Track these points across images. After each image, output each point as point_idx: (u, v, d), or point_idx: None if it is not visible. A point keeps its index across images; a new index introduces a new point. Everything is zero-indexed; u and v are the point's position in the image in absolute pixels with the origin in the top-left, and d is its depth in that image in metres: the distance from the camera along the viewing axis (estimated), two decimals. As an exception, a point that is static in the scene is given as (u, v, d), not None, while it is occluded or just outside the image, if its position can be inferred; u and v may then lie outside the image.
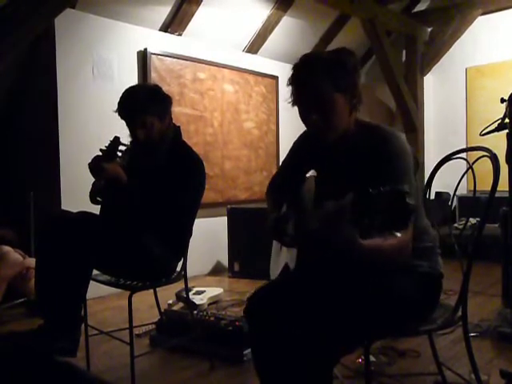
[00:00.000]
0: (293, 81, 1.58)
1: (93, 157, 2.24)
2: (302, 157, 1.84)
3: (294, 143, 1.93)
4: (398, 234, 1.18)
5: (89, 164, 2.20)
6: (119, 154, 2.32)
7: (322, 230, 1.31)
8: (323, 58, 1.56)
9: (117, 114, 2.30)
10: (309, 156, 1.78)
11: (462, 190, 4.78)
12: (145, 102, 2.27)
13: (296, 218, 1.59)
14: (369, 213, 1.13)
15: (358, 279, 1.48)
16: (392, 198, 1.12)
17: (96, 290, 2.49)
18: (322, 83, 1.52)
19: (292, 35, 5.50)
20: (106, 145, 2.31)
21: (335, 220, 1.25)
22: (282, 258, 1.75)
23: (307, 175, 1.84)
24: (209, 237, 4.74)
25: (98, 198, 2.31)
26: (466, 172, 1.99)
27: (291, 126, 5.77)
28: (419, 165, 1.62)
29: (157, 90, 2.37)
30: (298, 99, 1.59)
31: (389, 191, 1.13)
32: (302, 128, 1.75)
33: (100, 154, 2.26)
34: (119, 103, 2.30)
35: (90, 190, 2.32)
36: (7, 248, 3.37)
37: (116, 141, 2.30)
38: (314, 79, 1.53)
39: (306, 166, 1.81)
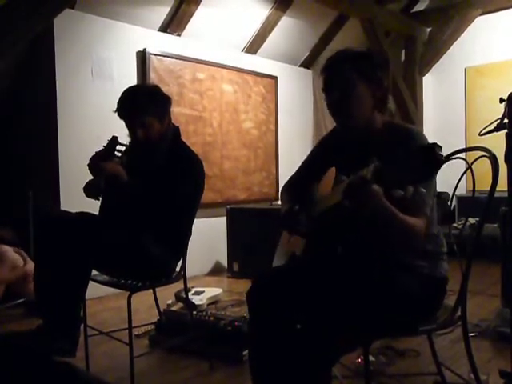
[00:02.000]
0: (322, 69, 1.68)
1: (91, 156, 2.24)
2: (322, 158, 1.85)
3: (315, 146, 1.98)
4: (423, 191, 1.18)
5: (88, 163, 2.20)
6: (117, 153, 2.31)
7: (347, 199, 1.30)
8: (353, 50, 1.67)
9: (116, 114, 2.30)
10: (331, 155, 1.80)
11: (461, 190, 4.75)
12: (144, 103, 2.26)
13: (308, 207, 1.62)
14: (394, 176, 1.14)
15: (359, 277, 1.49)
16: (420, 150, 1.13)
17: (95, 290, 2.49)
18: (345, 67, 1.61)
19: (291, 35, 5.51)
20: (104, 145, 2.31)
21: (363, 179, 1.25)
22: (288, 249, 1.75)
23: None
24: (208, 237, 4.74)
25: (99, 198, 2.32)
26: (465, 172, 1.98)
27: (290, 127, 5.78)
28: (441, 164, 1.63)
29: (156, 90, 2.37)
30: (324, 86, 1.68)
31: (412, 192, 1.13)
32: (301, 128, 1.76)
33: (97, 154, 2.26)
34: (119, 103, 2.30)
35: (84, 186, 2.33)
36: (6, 247, 3.36)
37: (114, 140, 2.30)
38: (339, 64, 1.64)
39: (326, 166, 1.79)
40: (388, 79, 1.68)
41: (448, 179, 2.68)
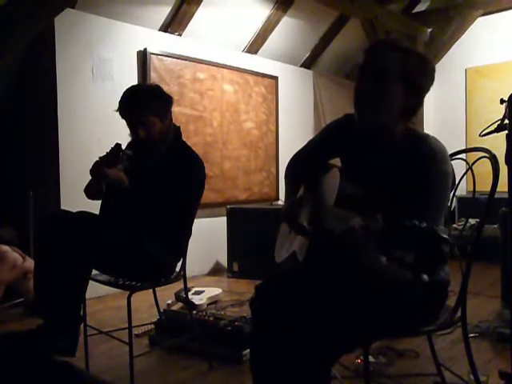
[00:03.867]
0: (368, 48, 1.58)
1: (93, 162, 2.23)
2: (333, 140, 1.75)
3: (330, 124, 1.82)
4: (426, 278, 1.14)
5: (90, 169, 2.20)
6: (120, 160, 2.30)
7: (346, 249, 1.27)
8: (408, 46, 1.57)
9: (118, 113, 2.30)
10: (341, 140, 1.70)
11: (462, 191, 4.76)
12: (146, 102, 2.27)
13: (312, 210, 1.57)
14: (398, 245, 1.09)
15: (359, 279, 1.48)
16: (428, 240, 1.08)
17: (95, 289, 2.49)
18: (394, 57, 1.51)
19: (292, 36, 5.51)
20: (107, 151, 2.30)
21: (360, 241, 1.21)
22: (290, 243, 1.74)
23: (331, 162, 1.76)
24: (208, 237, 4.74)
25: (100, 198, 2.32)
26: (465, 173, 1.98)
27: (291, 127, 5.78)
28: (455, 184, 1.59)
29: (158, 89, 2.37)
30: (362, 67, 1.57)
31: (425, 229, 1.08)
32: (301, 128, 1.74)
33: (100, 160, 2.25)
34: (120, 103, 2.30)
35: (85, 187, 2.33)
36: (6, 247, 3.36)
37: (117, 147, 2.30)
38: (389, 51, 1.53)
39: (334, 151, 1.73)
40: (428, 88, 1.57)
41: (448, 180, 2.68)
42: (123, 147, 2.32)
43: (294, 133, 5.75)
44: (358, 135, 1.65)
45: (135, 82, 4.23)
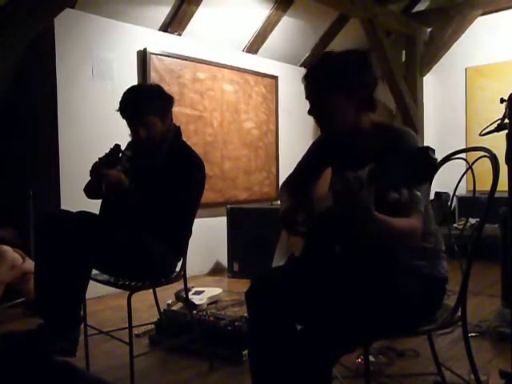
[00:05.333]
0: (303, 78, 1.69)
1: (93, 163, 2.23)
2: (317, 158, 1.84)
3: (311, 145, 1.96)
4: (418, 193, 1.16)
5: (90, 171, 2.20)
6: (120, 161, 2.30)
7: (339, 198, 1.30)
8: (331, 55, 1.65)
9: (118, 113, 2.29)
10: (326, 155, 1.79)
11: (462, 191, 4.77)
12: (147, 102, 2.27)
13: (307, 208, 1.61)
14: (387, 178, 1.14)
15: (359, 277, 1.48)
16: (414, 154, 1.12)
17: (95, 289, 2.49)
18: (321, 77, 1.61)
19: (292, 35, 5.51)
20: (107, 152, 2.30)
21: (351, 189, 1.24)
22: (288, 249, 1.75)
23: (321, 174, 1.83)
24: (208, 237, 4.74)
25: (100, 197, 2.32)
26: (465, 172, 1.98)
27: (291, 127, 5.78)
28: (436, 168, 1.57)
29: (159, 89, 2.37)
30: (306, 95, 1.70)
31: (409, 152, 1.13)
32: (301, 128, 1.77)
33: (100, 161, 2.25)
34: (121, 102, 2.30)
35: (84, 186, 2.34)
36: (6, 248, 3.36)
37: (117, 148, 2.30)
38: (315, 74, 1.64)
39: (322, 165, 1.79)
40: (371, 77, 1.62)
41: (448, 179, 2.68)
42: (122, 148, 2.32)
43: (294, 132, 5.75)
44: (338, 144, 1.74)
45: (135, 82, 4.23)
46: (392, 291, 1.50)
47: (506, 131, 1.86)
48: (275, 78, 5.56)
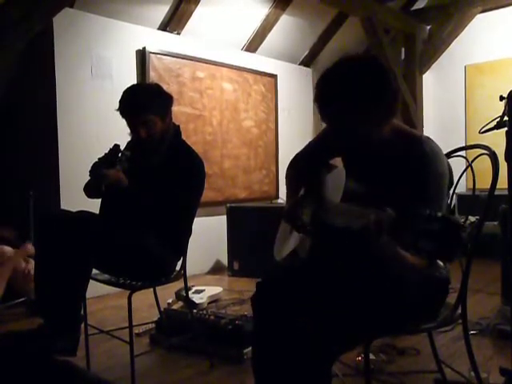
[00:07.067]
0: (319, 82, 1.58)
1: (92, 163, 2.23)
2: (331, 145, 1.73)
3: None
4: (441, 264, 1.12)
5: (89, 171, 2.20)
6: (119, 161, 2.30)
7: (360, 236, 1.24)
8: (347, 65, 1.56)
9: (118, 112, 2.29)
10: (339, 147, 1.69)
11: (462, 188, 4.74)
12: (147, 101, 2.26)
13: (314, 208, 1.57)
14: (414, 233, 1.08)
15: (361, 277, 1.48)
16: (447, 227, 1.07)
17: (96, 289, 2.49)
18: (344, 97, 1.47)
19: (291, 34, 5.50)
20: (106, 152, 2.30)
21: (375, 230, 1.18)
22: (291, 241, 1.74)
23: (332, 162, 1.75)
24: (208, 236, 4.74)
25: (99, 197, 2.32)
26: (465, 170, 1.98)
27: (290, 125, 5.78)
28: (453, 184, 1.57)
29: (158, 88, 2.37)
30: (317, 97, 1.58)
31: (442, 218, 1.08)
32: (301, 126, 1.74)
33: (99, 161, 2.25)
34: (121, 102, 2.29)
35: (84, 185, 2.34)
36: (7, 248, 3.36)
37: (116, 148, 2.30)
38: (335, 90, 1.51)
39: (334, 151, 1.72)
40: (389, 83, 1.50)
41: (448, 177, 2.67)
42: (122, 147, 2.32)
43: (294, 131, 5.75)
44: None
45: (134, 81, 4.23)
46: (392, 290, 1.50)
47: (506, 129, 1.86)
48: (274, 76, 5.56)
